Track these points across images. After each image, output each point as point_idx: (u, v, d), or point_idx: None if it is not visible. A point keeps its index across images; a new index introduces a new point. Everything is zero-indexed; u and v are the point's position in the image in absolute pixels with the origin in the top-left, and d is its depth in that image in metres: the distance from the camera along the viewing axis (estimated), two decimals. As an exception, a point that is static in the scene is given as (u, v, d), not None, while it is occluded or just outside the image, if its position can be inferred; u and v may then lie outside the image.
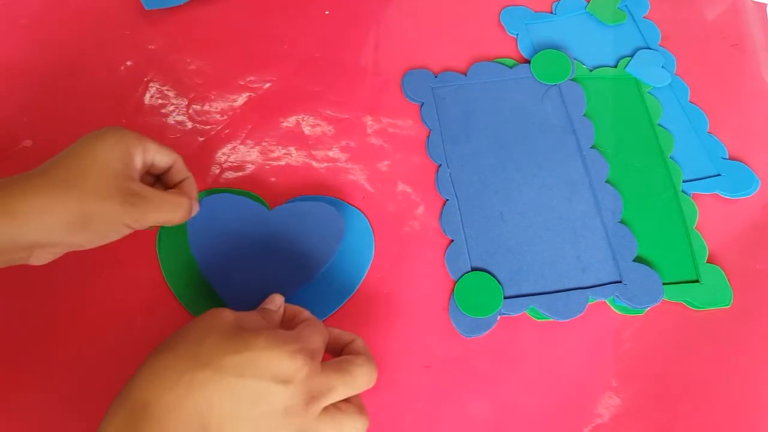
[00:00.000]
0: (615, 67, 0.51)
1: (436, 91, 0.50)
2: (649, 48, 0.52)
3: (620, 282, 0.41)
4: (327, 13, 0.54)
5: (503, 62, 0.51)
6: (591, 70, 0.51)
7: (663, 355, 0.40)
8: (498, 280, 0.41)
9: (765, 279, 0.42)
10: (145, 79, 0.50)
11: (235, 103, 0.49)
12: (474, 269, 0.42)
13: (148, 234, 0.41)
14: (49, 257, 0.34)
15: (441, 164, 0.46)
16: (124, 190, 0.33)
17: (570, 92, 0.49)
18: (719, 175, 0.46)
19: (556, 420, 0.38)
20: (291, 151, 0.47)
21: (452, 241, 0.43)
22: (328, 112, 0.49)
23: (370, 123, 0.48)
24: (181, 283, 0.41)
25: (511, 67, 0.51)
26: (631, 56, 0.51)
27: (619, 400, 0.38)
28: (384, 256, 0.43)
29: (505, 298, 0.40)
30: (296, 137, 0.48)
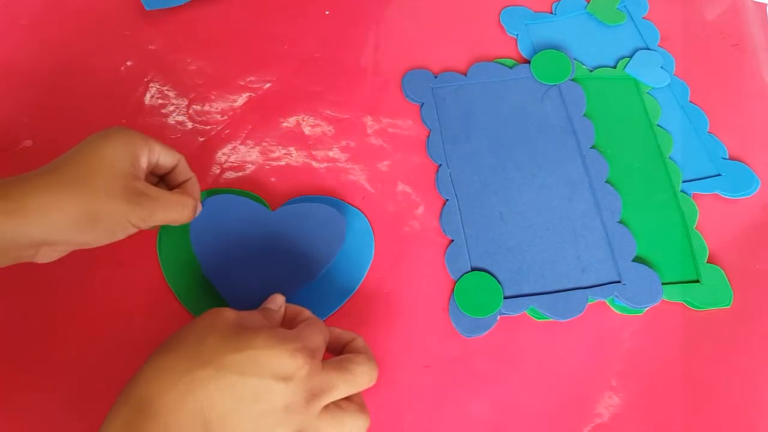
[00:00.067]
0: (614, 67, 0.51)
1: (436, 91, 0.50)
2: (648, 48, 0.52)
3: (620, 282, 0.41)
4: (327, 13, 0.54)
5: (503, 62, 0.52)
6: (591, 71, 0.51)
7: (663, 355, 0.40)
8: (498, 280, 0.41)
9: (765, 279, 0.42)
10: (145, 79, 0.50)
11: (236, 104, 0.49)
12: (474, 269, 0.42)
13: (148, 234, 0.41)
14: (55, 255, 0.34)
15: (441, 164, 0.46)
16: (131, 190, 0.33)
17: (570, 92, 0.49)
18: (719, 175, 0.46)
19: (556, 420, 0.38)
20: (291, 152, 0.47)
21: (452, 241, 0.43)
22: (328, 112, 0.49)
23: (370, 123, 0.49)
24: (182, 283, 0.41)
25: (511, 68, 0.51)
26: (631, 57, 0.51)
27: (618, 400, 0.38)
28: (384, 256, 0.43)
29: (505, 298, 0.40)
30: (296, 137, 0.48)
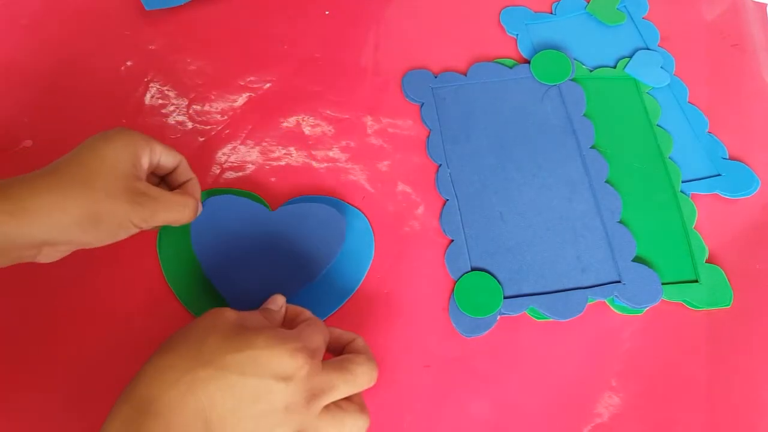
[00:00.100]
0: (614, 67, 0.51)
1: (436, 91, 0.50)
2: (648, 49, 0.52)
3: (620, 282, 0.41)
4: (327, 13, 0.54)
5: (503, 62, 0.52)
6: (591, 71, 0.51)
7: (662, 354, 0.40)
8: (498, 280, 0.41)
9: (765, 279, 0.42)
10: (145, 80, 0.50)
11: (236, 104, 0.49)
12: (474, 269, 0.42)
13: (148, 234, 0.41)
14: (57, 255, 0.34)
15: (441, 164, 0.46)
16: (133, 190, 0.33)
17: (570, 92, 0.49)
18: (719, 175, 0.46)
19: (556, 420, 0.38)
20: (291, 152, 0.47)
21: (452, 241, 0.43)
22: (328, 112, 0.49)
23: (370, 123, 0.49)
24: (182, 283, 0.41)
25: (511, 68, 0.51)
26: (630, 57, 0.51)
27: (618, 400, 0.38)
28: (384, 256, 0.43)
29: (505, 298, 0.40)
30: (296, 137, 0.48)
